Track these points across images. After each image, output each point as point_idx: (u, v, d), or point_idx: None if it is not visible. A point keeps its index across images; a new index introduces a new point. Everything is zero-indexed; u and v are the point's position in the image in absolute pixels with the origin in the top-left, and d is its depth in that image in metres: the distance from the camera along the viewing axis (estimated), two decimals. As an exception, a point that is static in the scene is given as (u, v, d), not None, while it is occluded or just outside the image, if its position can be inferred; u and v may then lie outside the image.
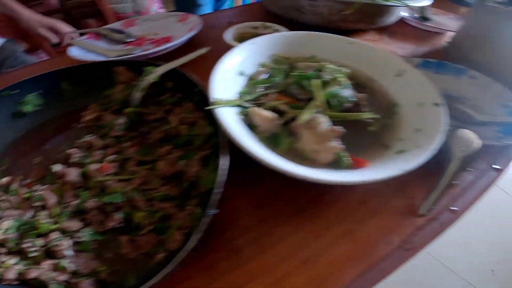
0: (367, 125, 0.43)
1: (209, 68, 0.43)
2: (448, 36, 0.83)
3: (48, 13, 1.04)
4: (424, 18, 0.96)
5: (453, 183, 0.41)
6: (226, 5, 1.47)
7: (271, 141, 0.39)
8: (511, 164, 0.47)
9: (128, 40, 0.72)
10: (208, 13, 0.93)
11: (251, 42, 0.50)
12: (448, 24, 0.92)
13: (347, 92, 0.43)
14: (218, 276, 0.33)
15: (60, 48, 1.68)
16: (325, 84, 0.42)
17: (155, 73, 0.45)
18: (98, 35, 0.73)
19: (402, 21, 0.92)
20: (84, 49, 0.66)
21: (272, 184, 0.41)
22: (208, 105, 0.38)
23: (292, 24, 0.78)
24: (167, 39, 0.71)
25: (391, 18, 0.75)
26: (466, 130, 0.44)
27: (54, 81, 0.51)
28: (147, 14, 2.07)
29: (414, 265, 1.37)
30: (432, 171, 0.41)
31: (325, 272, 0.33)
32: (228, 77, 0.45)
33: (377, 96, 0.48)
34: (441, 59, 0.65)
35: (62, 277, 0.33)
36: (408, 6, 0.65)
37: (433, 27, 0.89)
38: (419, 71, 0.47)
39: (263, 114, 0.39)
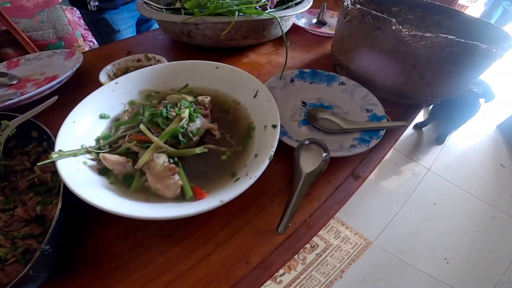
0: (220, 154, 0.45)
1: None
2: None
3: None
4: (321, 22, 1.02)
5: (308, 197, 0.46)
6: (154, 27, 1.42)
7: (124, 181, 0.41)
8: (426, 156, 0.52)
9: (13, 83, 0.69)
10: (107, 44, 0.92)
11: (115, 81, 0.51)
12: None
13: (196, 125, 0.46)
14: None
15: None
16: (170, 121, 0.44)
17: (10, 127, 0.45)
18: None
19: (300, 29, 0.97)
20: None
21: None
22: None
23: (187, 47, 0.80)
24: (52, 79, 0.69)
25: (277, 30, 0.79)
26: (313, 144, 0.48)
27: None
28: (74, 39, 2.00)
29: (370, 261, 1.42)
30: (290, 188, 0.45)
31: None
32: (87, 122, 0.46)
33: (239, 119, 0.51)
34: (327, 66, 0.69)
35: None
36: (275, 17, 0.68)
37: (325, 32, 0.94)
38: (267, 91, 0.49)
39: (112, 159, 0.41)
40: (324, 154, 0.47)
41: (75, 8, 1.92)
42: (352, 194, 0.49)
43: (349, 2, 0.64)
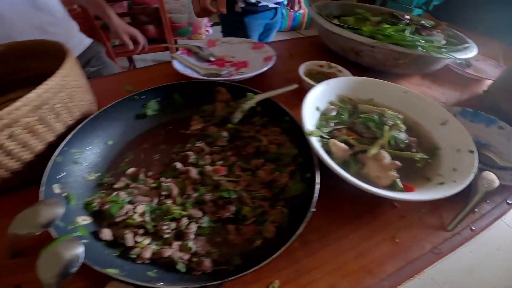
0: (415, 162, 0.54)
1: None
2: (485, 84, 0.93)
3: (118, 15, 1.21)
4: (466, 64, 1.06)
5: (474, 210, 0.54)
6: (270, 38, 1.53)
7: (342, 166, 0.52)
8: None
9: (211, 59, 0.86)
10: (270, 42, 1.06)
11: (327, 82, 0.63)
12: (487, 71, 1.02)
13: (403, 135, 0.55)
14: (293, 262, 0.45)
15: (119, 49, 1.89)
16: (390, 128, 0.54)
17: (254, 99, 0.59)
18: (189, 51, 0.87)
19: (444, 66, 1.03)
20: (182, 64, 0.80)
21: (337, 194, 0.53)
22: (296, 132, 0.53)
23: (346, 62, 0.91)
24: (244, 64, 0.85)
25: (438, 66, 0.86)
26: (489, 172, 0.56)
27: (169, 92, 0.65)
28: (199, 27, 2.26)
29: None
30: (459, 199, 0.52)
31: (373, 264, 0.45)
32: (309, 111, 0.58)
33: (422, 139, 0.60)
34: (477, 106, 0.75)
35: (186, 257, 0.42)
36: (457, 59, 0.76)
37: (473, 74, 0.99)
38: (459, 122, 0.58)
39: (340, 145, 0.52)
40: (495, 181, 0.54)
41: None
42: (503, 215, 0.57)
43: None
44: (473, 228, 0.52)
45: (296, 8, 1.42)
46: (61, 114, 0.52)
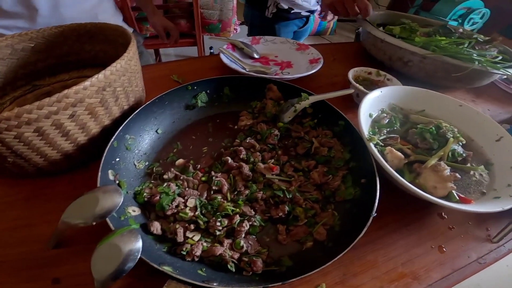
0: (470, 176, 0.53)
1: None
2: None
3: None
4: (510, 80, 1.03)
5: None
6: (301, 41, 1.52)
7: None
8: None
9: (256, 56, 0.86)
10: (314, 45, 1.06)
11: (380, 90, 0.62)
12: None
13: (460, 149, 0.54)
14: (341, 265, 0.44)
15: (149, 41, 1.93)
16: (453, 140, 0.53)
17: (309, 100, 0.58)
18: (234, 46, 0.87)
19: (490, 82, 1.00)
20: (229, 57, 0.81)
21: (387, 202, 0.51)
22: (349, 137, 0.54)
23: (390, 72, 0.89)
24: (288, 64, 0.85)
25: (487, 82, 0.83)
26: None
27: (220, 85, 0.65)
28: (228, 24, 2.27)
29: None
30: (506, 215, 0.51)
31: (420, 270, 0.45)
32: (364, 117, 0.57)
33: (475, 153, 0.58)
34: None
35: (236, 256, 0.42)
36: (509, 74, 0.73)
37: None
38: None
39: (396, 153, 0.51)
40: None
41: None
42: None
43: None
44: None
45: (329, 18, 1.39)
46: (120, 98, 0.53)
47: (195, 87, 0.62)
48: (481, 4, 2.15)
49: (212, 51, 2.90)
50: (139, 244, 0.36)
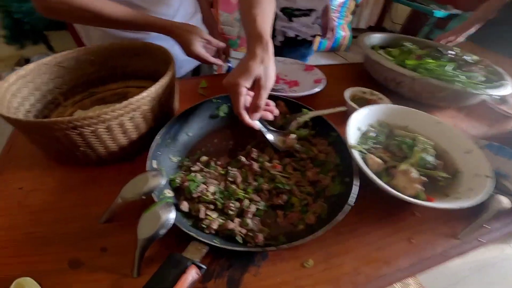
0: (438, 181, 0.65)
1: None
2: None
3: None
4: (501, 100, 1.12)
5: (486, 226, 0.62)
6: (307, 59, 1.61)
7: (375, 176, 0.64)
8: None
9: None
10: (319, 65, 1.18)
11: (369, 108, 0.75)
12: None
13: (431, 158, 0.66)
14: (326, 247, 0.55)
15: None
16: (420, 150, 0.66)
17: (309, 115, 0.72)
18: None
19: (481, 101, 1.09)
20: None
21: (367, 199, 0.62)
22: (339, 145, 0.66)
23: (386, 90, 0.99)
24: (295, 82, 0.99)
25: (474, 101, 0.94)
26: (502, 196, 0.64)
27: None
28: (245, 41, 2.43)
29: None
30: (472, 216, 0.61)
31: (391, 257, 0.54)
32: (352, 129, 0.70)
33: (447, 164, 0.70)
34: (504, 141, 0.82)
35: (243, 231, 0.53)
36: (491, 95, 0.83)
37: (505, 111, 1.05)
38: (482, 152, 0.67)
39: (375, 159, 0.64)
40: (506, 204, 0.62)
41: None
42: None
43: None
44: (480, 240, 0.61)
45: (328, 36, 1.52)
46: (163, 105, 0.69)
47: (218, 100, 0.77)
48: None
49: (230, 64, 3.08)
50: (173, 214, 0.49)
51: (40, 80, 0.73)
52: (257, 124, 0.63)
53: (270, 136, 0.70)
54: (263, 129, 0.68)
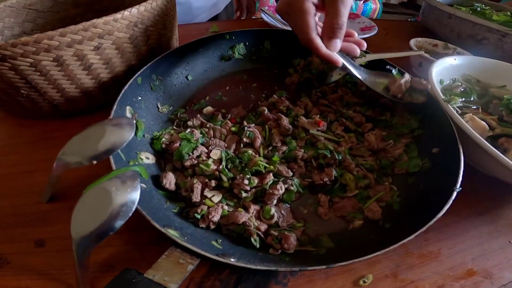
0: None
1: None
2: None
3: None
4: None
5: None
6: None
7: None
8: None
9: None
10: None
11: (454, 57, 0.54)
12: None
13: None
14: (393, 255, 0.36)
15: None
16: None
17: (366, 58, 0.49)
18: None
19: None
20: (270, 17, 0.78)
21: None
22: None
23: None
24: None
25: None
26: None
27: (260, 38, 0.58)
28: (266, 4, 2.25)
29: None
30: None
31: (495, 268, 0.37)
32: (434, 81, 0.47)
33: None
34: None
35: (263, 227, 0.33)
36: None
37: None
38: None
39: (480, 123, 0.42)
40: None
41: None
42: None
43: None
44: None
45: None
46: (151, 38, 0.50)
47: (233, 37, 0.56)
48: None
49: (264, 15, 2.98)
50: (136, 193, 0.27)
51: (1, 25, 0.57)
52: (338, 58, 0.40)
53: (362, 76, 0.45)
54: (350, 66, 0.43)
